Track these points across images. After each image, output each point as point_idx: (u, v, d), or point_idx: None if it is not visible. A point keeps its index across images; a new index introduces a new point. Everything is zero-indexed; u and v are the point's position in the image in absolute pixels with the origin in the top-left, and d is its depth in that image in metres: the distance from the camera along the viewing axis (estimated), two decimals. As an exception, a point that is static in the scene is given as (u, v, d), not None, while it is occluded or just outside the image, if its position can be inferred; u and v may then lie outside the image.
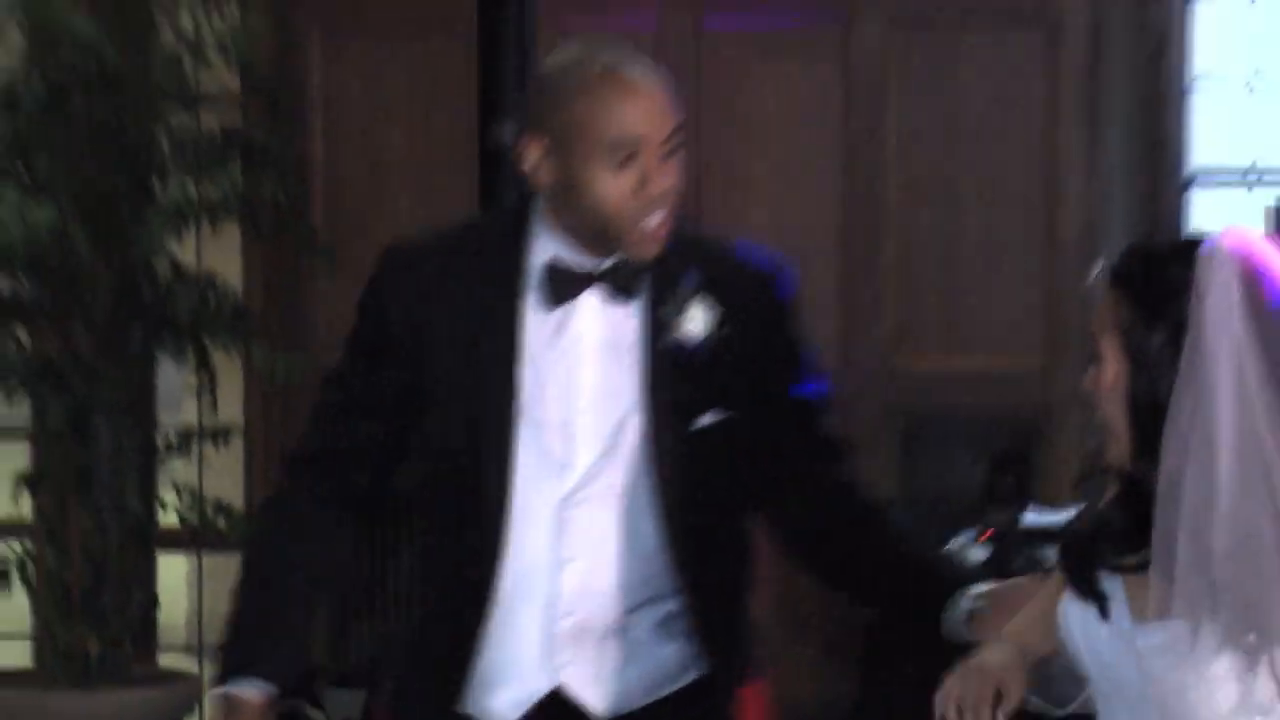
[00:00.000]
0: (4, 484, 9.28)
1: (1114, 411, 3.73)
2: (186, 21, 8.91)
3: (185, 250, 9.08)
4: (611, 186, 4.44)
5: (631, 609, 4.65)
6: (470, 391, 4.62)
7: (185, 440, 9.14)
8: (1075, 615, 3.97)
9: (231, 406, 9.47)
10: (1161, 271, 3.73)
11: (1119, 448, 3.77)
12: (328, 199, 9.53)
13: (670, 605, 4.63)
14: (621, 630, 4.65)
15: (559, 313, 4.55)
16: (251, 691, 4.52)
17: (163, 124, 8.87)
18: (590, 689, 4.65)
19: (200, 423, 9.21)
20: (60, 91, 8.64)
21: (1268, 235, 6.71)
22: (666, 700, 4.70)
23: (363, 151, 9.56)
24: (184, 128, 8.89)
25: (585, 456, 4.59)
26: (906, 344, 9.31)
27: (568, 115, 4.48)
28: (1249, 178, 9.80)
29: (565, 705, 4.63)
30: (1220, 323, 3.70)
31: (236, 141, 8.98)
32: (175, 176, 8.85)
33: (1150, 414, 3.69)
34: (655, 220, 4.48)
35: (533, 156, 4.50)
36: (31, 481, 8.97)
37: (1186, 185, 9.77)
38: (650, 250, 4.51)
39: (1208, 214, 9.78)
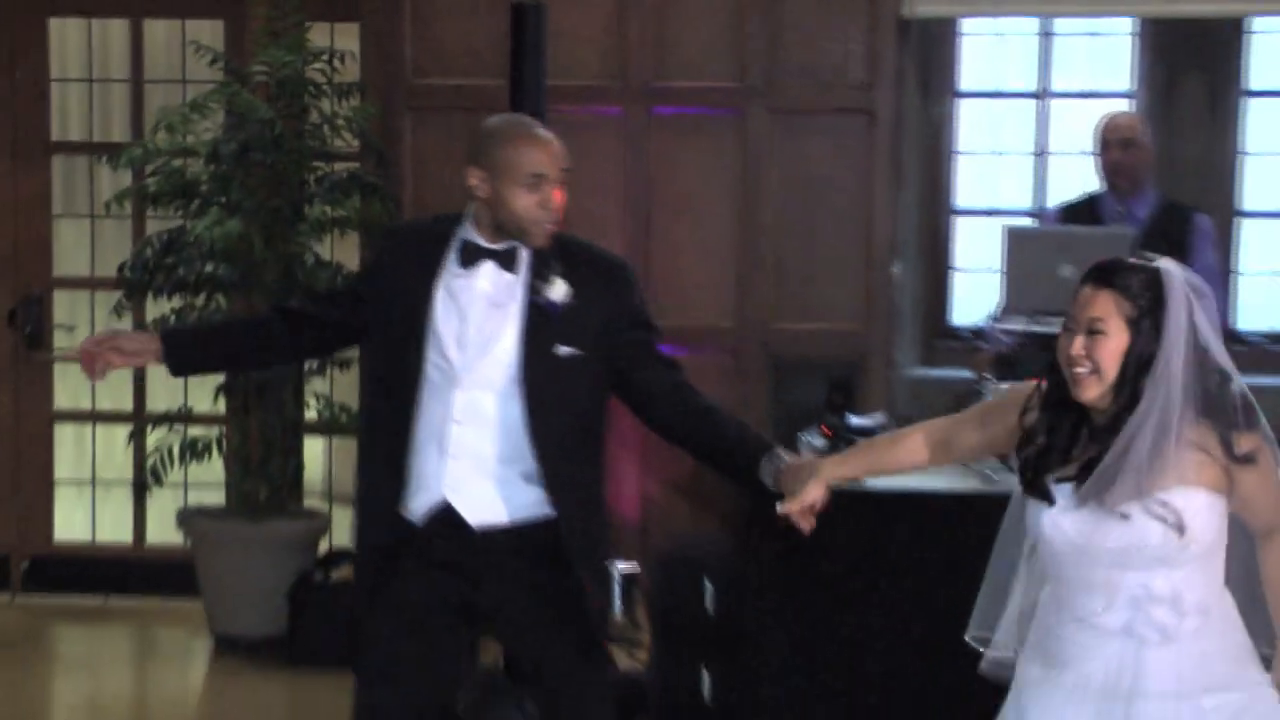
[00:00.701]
0: (209, 392, 9.62)
1: (1111, 367, 4.27)
2: (326, 106, 9.45)
3: (323, 249, 9.56)
4: (526, 200, 5.16)
5: (501, 460, 5.25)
6: (408, 310, 5.26)
7: (321, 366, 9.49)
8: (1033, 510, 4.50)
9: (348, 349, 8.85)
10: (1142, 281, 4.29)
11: (1103, 391, 4.31)
12: (413, 217, 9.32)
13: (530, 463, 5.23)
14: (492, 473, 5.24)
15: (467, 272, 5.26)
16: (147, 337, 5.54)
17: (310, 170, 9.37)
18: (468, 507, 5.26)
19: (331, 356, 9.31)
20: (246, 149, 9.11)
21: (1005, 250, 7.83)
22: (524, 527, 5.28)
23: (435, 187, 9.48)
24: (324, 172, 9.41)
25: (470, 363, 5.22)
26: (777, 315, 9.55)
27: (502, 155, 5.18)
28: (993, 212, 10.10)
29: (453, 516, 5.25)
30: (1179, 319, 4.29)
31: (356, 181, 9.39)
32: (318, 203, 9.36)
33: (1137, 370, 4.25)
34: (549, 224, 5.20)
35: (474, 179, 5.22)
36: (226, 389, 9.45)
37: (951, 215, 10.28)
38: (542, 242, 5.20)
39: (966, 236, 10.29)
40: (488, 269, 5.28)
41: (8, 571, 10.42)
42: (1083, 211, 8.60)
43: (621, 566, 5.35)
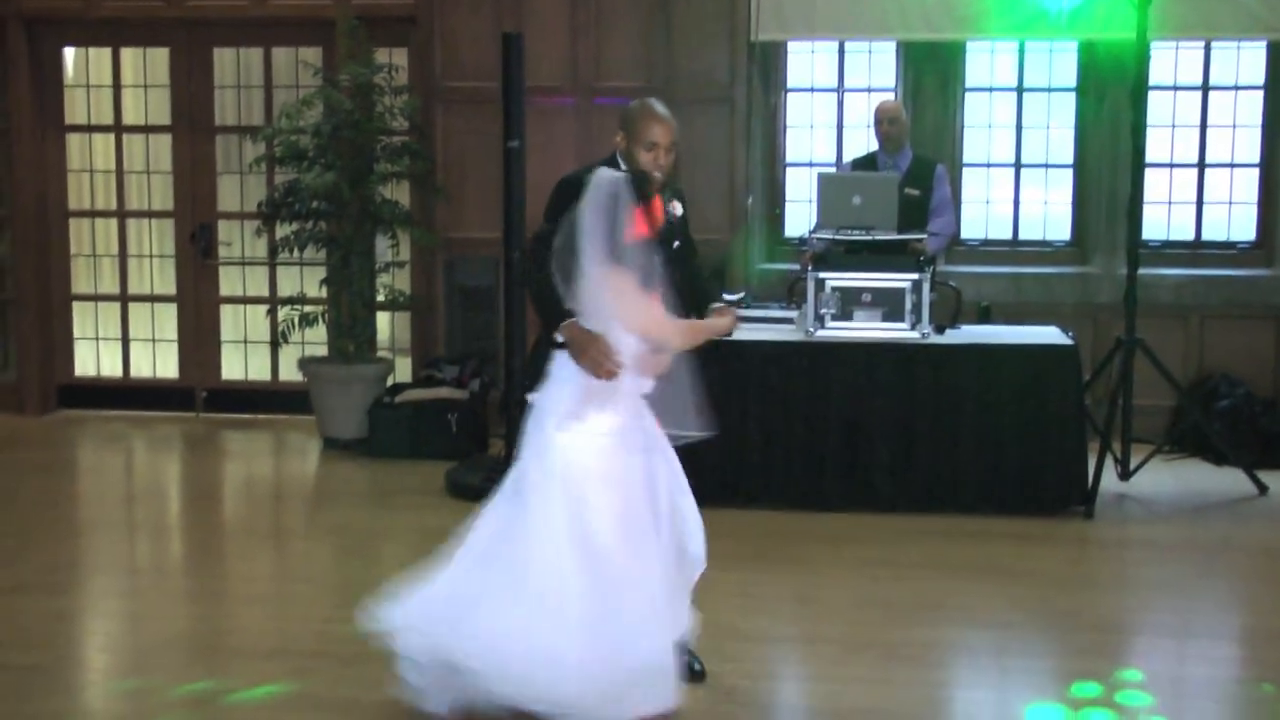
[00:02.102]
0: (316, 283, 9.56)
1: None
2: (386, 100, 9.28)
3: (388, 192, 9.41)
4: (644, 158, 4.92)
5: None
6: None
7: (386, 266, 9.46)
8: None
9: (403, 254, 9.66)
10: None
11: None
12: (444, 171, 9.51)
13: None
14: None
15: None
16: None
17: (377, 141, 9.22)
18: None
19: (392, 260, 9.54)
20: (337, 128, 9.04)
21: (817, 188, 7.77)
22: None
23: (459, 151, 9.50)
24: (386, 143, 9.28)
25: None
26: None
27: (632, 126, 4.97)
28: (809, 164, 9.84)
29: None
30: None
31: (407, 149, 9.31)
32: (383, 163, 9.24)
33: None
34: (659, 175, 4.88)
35: (619, 139, 5.01)
36: (326, 281, 9.38)
37: (784, 167, 9.94)
38: (656, 186, 4.80)
39: (793, 180, 9.95)
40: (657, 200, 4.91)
41: (193, 398, 10.45)
42: (866, 163, 8.52)
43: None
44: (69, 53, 10.43)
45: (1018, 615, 5.91)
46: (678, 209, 5.01)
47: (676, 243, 5.01)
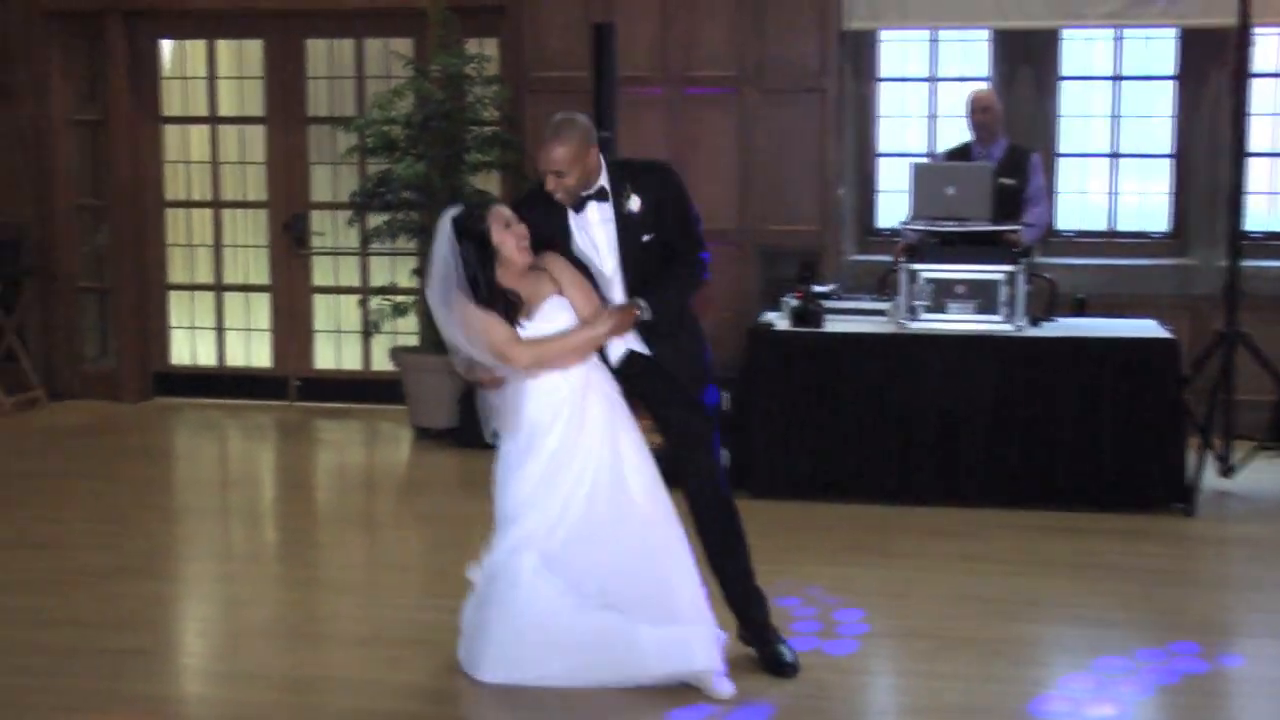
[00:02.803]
0: (406, 272, 9.70)
1: None
2: (477, 90, 9.26)
3: (479, 182, 9.35)
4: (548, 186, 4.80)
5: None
6: (553, 236, 4.88)
7: None
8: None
9: None
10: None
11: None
12: (533, 161, 9.82)
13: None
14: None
15: (582, 212, 4.87)
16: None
17: (467, 131, 9.18)
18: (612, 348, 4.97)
19: None
20: (428, 118, 9.02)
21: (911, 178, 7.72)
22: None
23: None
24: (476, 133, 9.24)
25: (602, 257, 4.90)
26: (764, 221, 9.25)
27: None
28: (902, 155, 9.73)
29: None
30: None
31: (498, 139, 9.27)
32: (473, 153, 9.19)
33: None
34: (559, 197, 4.78)
35: None
36: (418, 271, 9.29)
37: (876, 157, 9.88)
38: (564, 203, 4.80)
39: (885, 170, 9.88)
40: (592, 205, 4.91)
41: (286, 387, 10.55)
42: (959, 154, 8.45)
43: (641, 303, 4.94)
44: (165, 45, 10.56)
45: (1117, 613, 5.81)
46: (635, 204, 4.86)
47: (646, 237, 4.90)
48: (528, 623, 4.65)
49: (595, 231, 4.90)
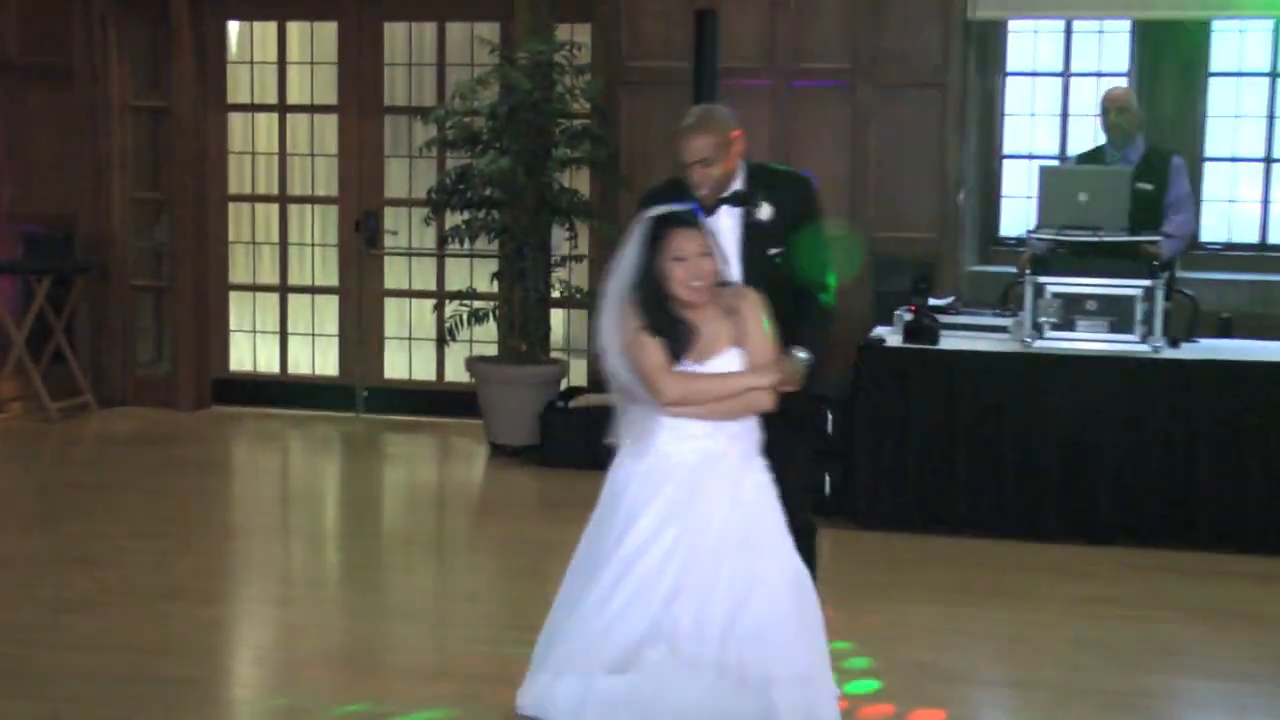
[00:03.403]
0: (487, 276, 9.71)
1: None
2: (567, 80, 9.30)
3: (566, 179, 9.46)
4: (691, 179, 4.85)
5: None
6: None
7: (563, 260, 9.48)
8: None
9: (581, 248, 9.58)
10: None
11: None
12: (627, 159, 9.51)
13: None
14: None
15: (714, 215, 4.82)
16: None
17: (556, 125, 9.26)
18: None
19: (569, 253, 9.51)
20: (513, 110, 9.05)
21: (1040, 183, 7.71)
22: None
23: (641, 138, 9.49)
24: (566, 126, 9.31)
25: (730, 270, 4.56)
26: (877, 227, 9.22)
27: (674, 148, 4.88)
28: (1030, 156, 9.85)
29: None
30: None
31: (588, 133, 9.31)
32: (562, 148, 9.26)
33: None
34: (702, 194, 4.82)
35: None
36: (498, 275, 9.51)
37: (1001, 159, 10.01)
38: (705, 202, 4.80)
39: (1011, 173, 10.01)
40: (724, 210, 4.90)
41: (353, 397, 10.61)
42: (1092, 157, 8.33)
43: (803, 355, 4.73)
44: (233, 27, 10.73)
45: (1259, 667, 5.71)
46: (764, 212, 4.88)
47: (773, 250, 4.90)
48: None
49: (725, 239, 4.83)
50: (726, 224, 4.88)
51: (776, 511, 4.36)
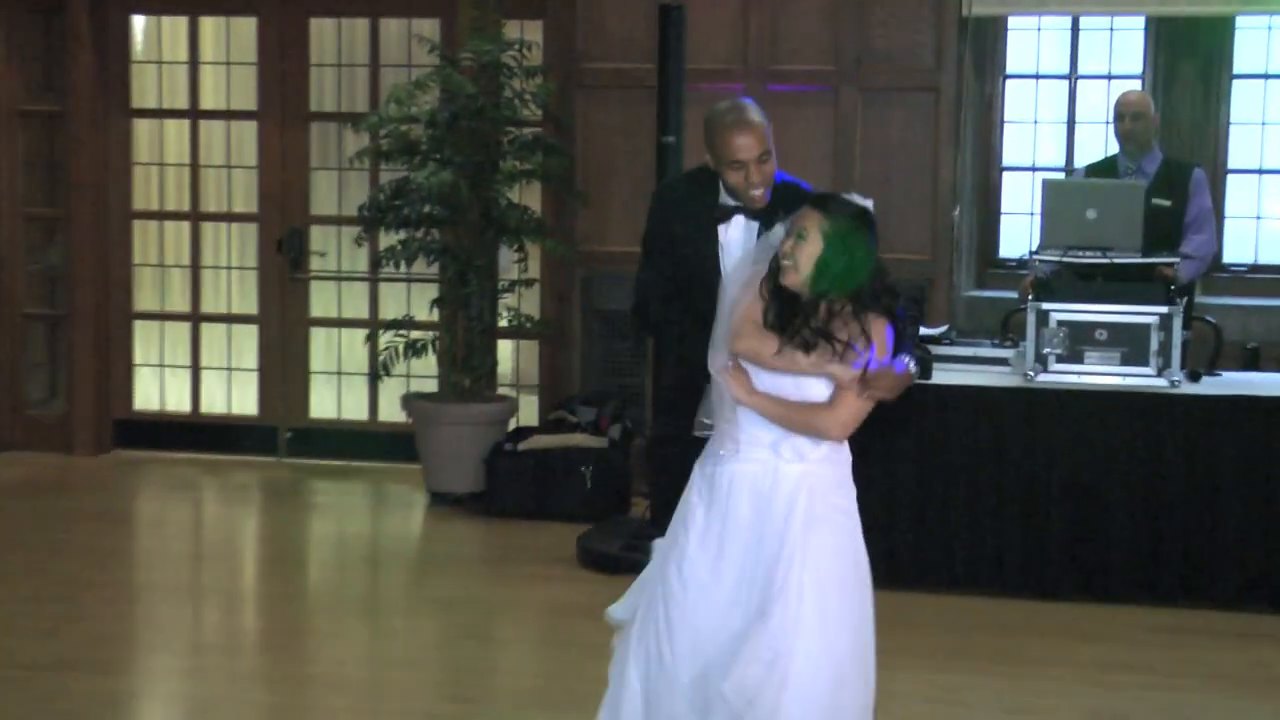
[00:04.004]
0: (425, 303, 9.69)
1: (807, 264, 4.15)
2: (516, 84, 9.26)
3: (516, 194, 9.47)
4: (732, 179, 5.00)
5: None
6: (700, 254, 5.10)
7: (511, 285, 9.46)
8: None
9: (533, 271, 9.65)
10: (837, 205, 4.25)
11: (799, 280, 4.19)
12: (584, 171, 9.58)
13: None
14: None
15: (726, 224, 5.06)
16: None
17: (504, 133, 9.27)
18: None
19: (518, 277, 9.51)
20: (456, 117, 9.04)
21: (1043, 198, 7.71)
22: None
23: (599, 147, 9.58)
24: (515, 135, 9.32)
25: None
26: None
27: (711, 142, 5.03)
28: (1032, 168, 9.93)
29: None
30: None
31: (540, 143, 9.29)
32: (510, 159, 9.25)
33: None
34: (756, 194, 4.98)
35: (707, 158, 5.09)
36: (438, 302, 9.44)
37: (1000, 171, 10.06)
38: (756, 204, 4.98)
39: (1011, 187, 10.05)
40: (738, 221, 5.02)
41: (275, 439, 10.56)
42: (1103, 170, 8.30)
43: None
44: (138, 22, 10.65)
45: (1295, 739, 5.67)
46: (778, 232, 4.95)
47: None
48: None
49: (730, 252, 5.00)
50: (736, 236, 5.00)
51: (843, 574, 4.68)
